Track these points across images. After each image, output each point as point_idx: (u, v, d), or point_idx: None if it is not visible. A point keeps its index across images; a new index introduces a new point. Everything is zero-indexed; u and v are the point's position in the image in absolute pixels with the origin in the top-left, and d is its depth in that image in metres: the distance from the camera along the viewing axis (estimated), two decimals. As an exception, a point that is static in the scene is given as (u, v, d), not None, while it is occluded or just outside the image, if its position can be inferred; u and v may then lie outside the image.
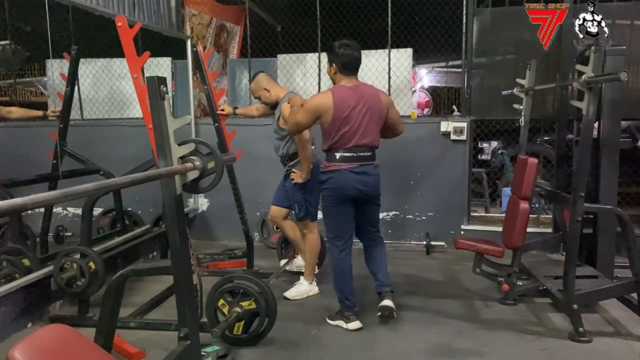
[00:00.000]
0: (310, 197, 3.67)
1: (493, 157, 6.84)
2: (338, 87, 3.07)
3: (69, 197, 1.40)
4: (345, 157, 3.02)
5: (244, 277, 2.93)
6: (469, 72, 4.95)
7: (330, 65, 3.11)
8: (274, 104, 3.69)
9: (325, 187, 3.11)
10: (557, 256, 4.52)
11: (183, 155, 2.08)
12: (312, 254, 3.78)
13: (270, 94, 3.66)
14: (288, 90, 3.75)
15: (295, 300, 3.64)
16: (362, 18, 6.13)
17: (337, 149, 3.03)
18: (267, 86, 3.65)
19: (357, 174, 3.03)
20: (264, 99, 3.70)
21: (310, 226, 3.76)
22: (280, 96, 3.63)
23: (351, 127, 2.99)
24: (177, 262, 2.12)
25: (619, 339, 2.99)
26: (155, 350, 2.82)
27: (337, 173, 3.04)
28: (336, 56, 3.05)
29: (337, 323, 3.20)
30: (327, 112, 2.98)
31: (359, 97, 3.01)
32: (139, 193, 4.90)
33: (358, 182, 3.04)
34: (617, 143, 3.59)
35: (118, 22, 3.03)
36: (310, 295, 3.71)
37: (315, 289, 3.76)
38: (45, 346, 1.50)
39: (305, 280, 3.76)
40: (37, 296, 3.23)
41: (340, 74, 3.08)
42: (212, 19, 6.05)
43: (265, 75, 3.70)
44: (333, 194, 3.08)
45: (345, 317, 3.17)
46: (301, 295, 3.68)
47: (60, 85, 4.75)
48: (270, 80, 3.71)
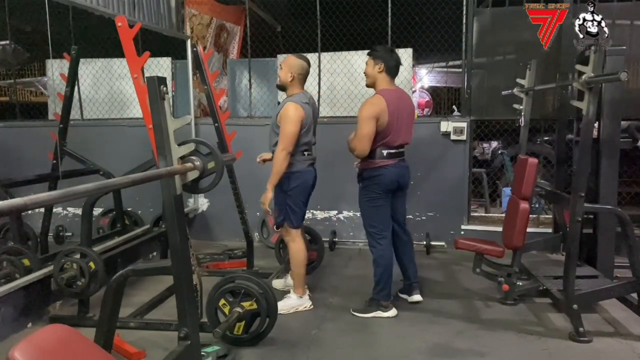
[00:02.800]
0: (292, 201, 3.38)
1: (493, 157, 6.85)
2: (385, 91, 3.29)
3: (69, 197, 1.40)
4: (391, 154, 3.31)
5: (245, 278, 2.93)
6: (469, 72, 4.95)
7: (377, 63, 3.30)
8: (282, 87, 3.46)
9: (372, 182, 3.33)
10: (557, 256, 4.52)
11: (183, 155, 2.08)
12: (297, 265, 3.45)
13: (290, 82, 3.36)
14: (302, 91, 3.43)
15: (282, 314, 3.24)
16: (362, 18, 6.13)
17: (384, 147, 3.29)
18: (295, 74, 3.35)
19: (398, 168, 3.35)
20: (283, 76, 3.39)
21: (292, 234, 3.45)
22: (292, 91, 3.39)
23: (397, 127, 3.27)
24: (177, 262, 2.12)
25: (619, 339, 2.99)
26: (155, 350, 2.82)
27: (385, 169, 3.30)
28: (389, 58, 3.32)
29: (374, 314, 3.37)
30: (383, 115, 3.21)
31: (400, 99, 3.32)
32: (139, 193, 4.92)
33: (399, 176, 3.36)
34: (617, 143, 3.59)
35: (118, 22, 3.03)
36: (300, 310, 3.43)
37: (307, 304, 3.48)
38: (45, 346, 1.50)
39: (295, 294, 3.47)
40: (37, 296, 3.23)
41: (386, 75, 3.32)
42: (212, 19, 6.05)
43: (305, 68, 3.41)
44: (380, 188, 3.32)
45: (383, 306, 3.37)
46: (288, 310, 3.38)
47: (60, 85, 4.75)
48: (303, 74, 3.41)
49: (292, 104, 3.27)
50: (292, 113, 3.23)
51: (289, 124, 3.23)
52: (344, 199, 5.04)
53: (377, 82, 3.33)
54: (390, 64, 3.31)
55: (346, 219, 5.20)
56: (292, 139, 3.24)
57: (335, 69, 5.28)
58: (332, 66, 5.28)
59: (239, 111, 6.19)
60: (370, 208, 3.38)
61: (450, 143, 4.93)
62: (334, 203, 5.19)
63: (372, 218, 3.39)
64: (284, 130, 3.24)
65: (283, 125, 3.25)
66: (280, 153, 3.23)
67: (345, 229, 5.18)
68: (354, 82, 5.21)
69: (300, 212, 3.44)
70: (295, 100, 3.30)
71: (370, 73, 3.35)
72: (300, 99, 3.33)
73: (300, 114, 3.25)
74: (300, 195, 3.40)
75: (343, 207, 5.18)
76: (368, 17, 6.06)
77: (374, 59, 3.32)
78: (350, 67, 5.28)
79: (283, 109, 3.30)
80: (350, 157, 3.39)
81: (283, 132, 3.24)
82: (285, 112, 3.27)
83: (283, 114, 3.28)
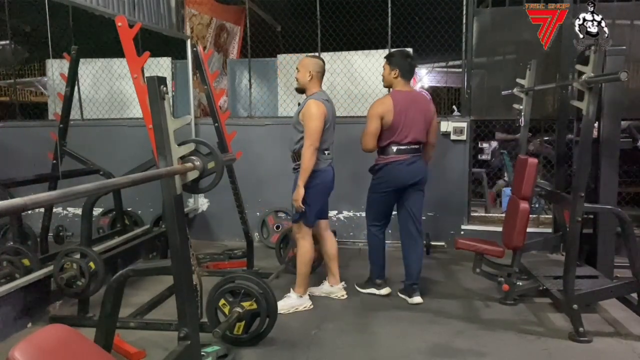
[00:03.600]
0: (310, 199, 3.35)
1: (493, 157, 6.85)
2: (397, 92, 3.53)
3: (69, 197, 1.40)
4: (400, 150, 3.49)
5: (245, 278, 2.93)
6: (469, 72, 4.95)
7: (393, 69, 3.54)
8: (301, 89, 3.47)
9: (376, 175, 3.61)
10: (557, 256, 4.52)
11: (183, 155, 2.08)
12: (303, 263, 3.45)
13: (308, 82, 3.40)
14: (321, 90, 3.47)
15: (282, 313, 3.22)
16: (362, 18, 6.12)
17: (394, 144, 3.49)
18: (313, 73, 3.39)
19: (408, 164, 3.51)
20: (300, 77, 3.42)
21: (303, 231, 3.44)
22: (312, 91, 3.41)
23: (405, 125, 3.46)
24: (177, 262, 2.12)
25: (619, 339, 2.99)
26: (155, 350, 2.82)
27: (391, 165, 3.51)
28: (403, 63, 3.53)
29: (368, 291, 3.74)
30: (388, 114, 3.43)
31: (413, 100, 3.53)
32: (139, 193, 4.91)
33: (407, 172, 3.52)
34: (617, 143, 3.59)
35: (118, 22, 3.03)
36: (300, 310, 3.41)
37: (307, 304, 3.45)
38: (45, 346, 1.50)
39: (295, 293, 3.45)
40: (37, 296, 3.23)
41: (401, 79, 3.54)
42: (212, 19, 6.05)
43: (321, 66, 3.45)
44: (386, 182, 3.56)
45: (376, 285, 3.72)
46: (287, 309, 3.36)
47: (60, 85, 4.75)
48: (320, 73, 3.45)
49: (314, 101, 3.31)
50: (314, 110, 3.27)
51: (313, 120, 3.26)
52: (344, 199, 5.04)
53: (393, 85, 3.60)
54: (405, 69, 3.53)
55: (346, 219, 5.20)
56: (317, 134, 3.27)
57: (335, 69, 5.28)
58: (332, 66, 5.27)
59: (239, 111, 6.20)
60: (370, 197, 3.74)
61: (450, 143, 4.92)
62: (334, 203, 5.15)
63: (369, 206, 3.76)
64: (308, 127, 3.27)
65: (307, 122, 3.28)
66: (308, 149, 3.26)
67: (346, 229, 5.18)
68: (354, 82, 5.21)
69: (316, 210, 3.45)
70: (316, 98, 3.34)
71: (386, 77, 3.61)
72: (321, 97, 3.38)
73: (322, 110, 3.30)
74: (319, 194, 3.42)
75: (343, 207, 5.18)
76: (368, 17, 6.06)
77: (390, 65, 3.56)
78: (350, 67, 5.28)
79: (305, 107, 3.33)
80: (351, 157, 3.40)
81: (308, 128, 3.27)
82: (307, 110, 3.30)
83: (305, 112, 3.31)
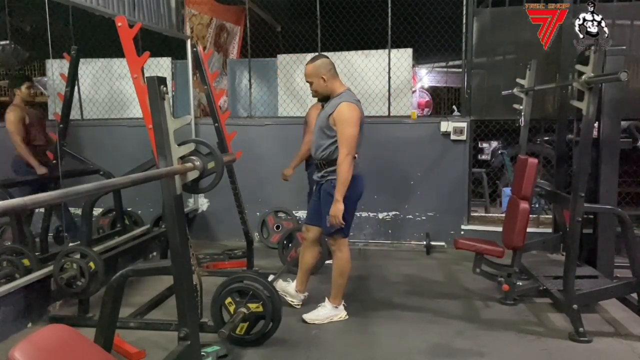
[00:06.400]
0: (347, 212, 3.10)
1: (493, 157, 6.85)
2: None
3: (69, 197, 1.40)
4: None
5: (254, 279, 2.89)
6: (469, 72, 4.95)
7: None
8: (325, 96, 3.20)
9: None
10: (557, 256, 4.52)
11: (183, 156, 2.08)
12: (341, 275, 3.27)
13: (327, 85, 3.14)
14: (346, 87, 3.22)
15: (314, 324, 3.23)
16: (362, 18, 6.13)
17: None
18: (325, 75, 3.12)
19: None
20: (316, 87, 3.16)
21: (339, 243, 3.24)
22: (337, 91, 3.14)
23: None
24: (177, 262, 2.12)
25: (619, 339, 2.99)
26: (155, 350, 2.82)
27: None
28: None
29: None
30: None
31: None
32: (139, 193, 4.91)
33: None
34: (617, 143, 3.60)
35: (118, 22, 3.03)
36: (335, 320, 3.27)
37: (342, 314, 3.30)
38: (45, 346, 1.50)
39: (330, 304, 3.29)
40: (37, 296, 3.23)
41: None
42: (212, 19, 6.05)
43: (328, 63, 3.16)
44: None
45: None
46: (321, 320, 3.23)
47: (60, 85, 4.75)
48: (332, 69, 3.16)
49: (346, 104, 3.03)
50: (348, 114, 3.01)
51: (349, 127, 3.00)
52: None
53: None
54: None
55: (346, 219, 5.19)
56: (354, 142, 3.03)
57: (335, 69, 5.27)
58: (332, 66, 5.27)
59: (239, 111, 6.20)
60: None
61: (450, 143, 4.92)
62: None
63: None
64: (343, 134, 3.00)
65: (342, 128, 3.01)
66: (345, 159, 2.99)
67: (345, 229, 5.17)
68: (354, 82, 5.20)
69: (351, 220, 3.24)
70: (347, 99, 3.06)
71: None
72: (352, 97, 3.12)
73: (357, 114, 3.04)
74: (354, 203, 3.19)
75: (343, 207, 5.17)
76: (368, 17, 6.06)
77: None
78: (350, 67, 5.28)
79: (337, 112, 3.03)
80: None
81: (343, 136, 3.00)
82: (340, 115, 3.02)
83: (338, 117, 3.03)
